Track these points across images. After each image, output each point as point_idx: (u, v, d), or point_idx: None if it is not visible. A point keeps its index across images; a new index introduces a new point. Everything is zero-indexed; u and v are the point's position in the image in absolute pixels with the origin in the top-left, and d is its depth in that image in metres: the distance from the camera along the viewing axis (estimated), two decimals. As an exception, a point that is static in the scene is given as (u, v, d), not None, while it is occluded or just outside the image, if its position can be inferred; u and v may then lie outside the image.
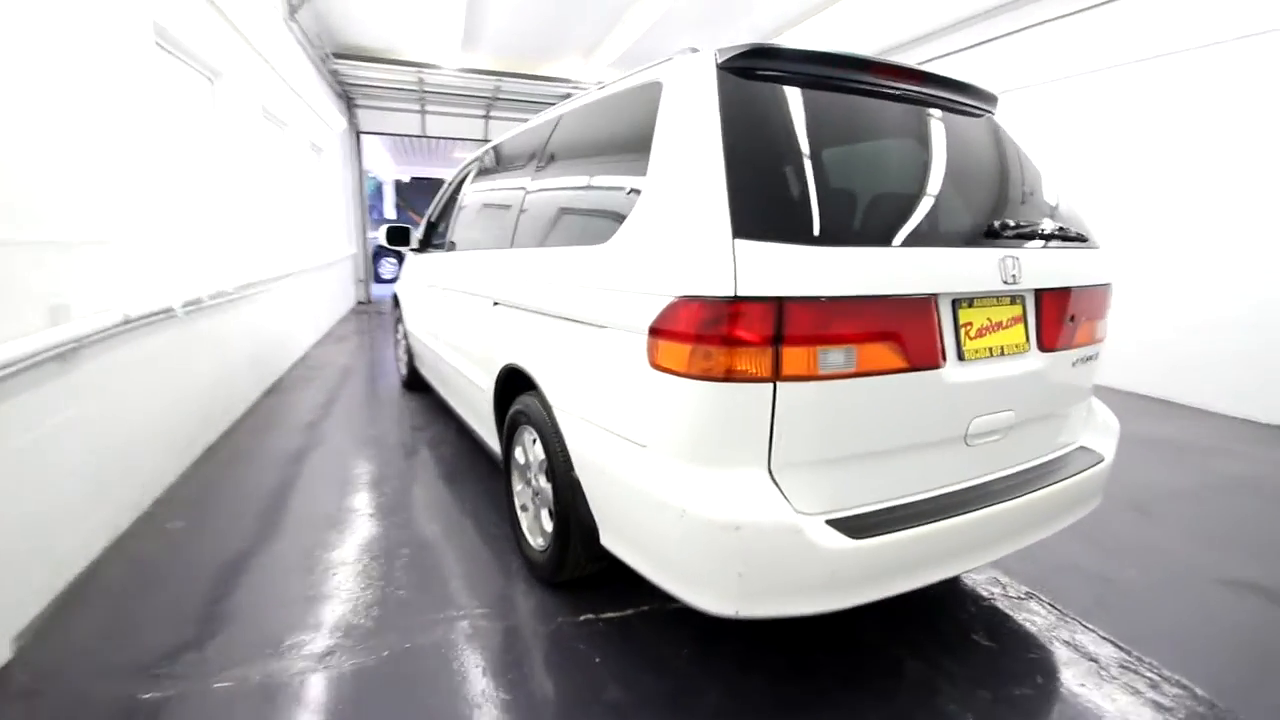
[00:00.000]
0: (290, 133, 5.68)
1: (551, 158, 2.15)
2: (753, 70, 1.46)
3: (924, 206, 1.52)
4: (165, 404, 2.75)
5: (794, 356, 1.25)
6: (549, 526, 1.91)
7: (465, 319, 2.60)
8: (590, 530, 1.68)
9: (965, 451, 1.53)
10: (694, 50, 1.60)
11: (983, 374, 1.50)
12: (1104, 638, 1.80)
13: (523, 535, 2.10)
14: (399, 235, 3.83)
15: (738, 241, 1.24)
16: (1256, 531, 2.51)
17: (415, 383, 4.27)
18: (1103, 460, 1.76)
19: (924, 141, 1.64)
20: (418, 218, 21.43)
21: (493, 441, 2.47)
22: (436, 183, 22.25)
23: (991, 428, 1.54)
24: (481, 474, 2.92)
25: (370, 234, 9.96)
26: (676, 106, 1.49)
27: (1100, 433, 1.88)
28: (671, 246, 1.35)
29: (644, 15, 6.11)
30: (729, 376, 1.25)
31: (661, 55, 1.68)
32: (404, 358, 4.41)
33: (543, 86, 7.81)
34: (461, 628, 1.79)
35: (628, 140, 1.68)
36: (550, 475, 1.83)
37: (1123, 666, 1.69)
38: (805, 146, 1.42)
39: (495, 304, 2.22)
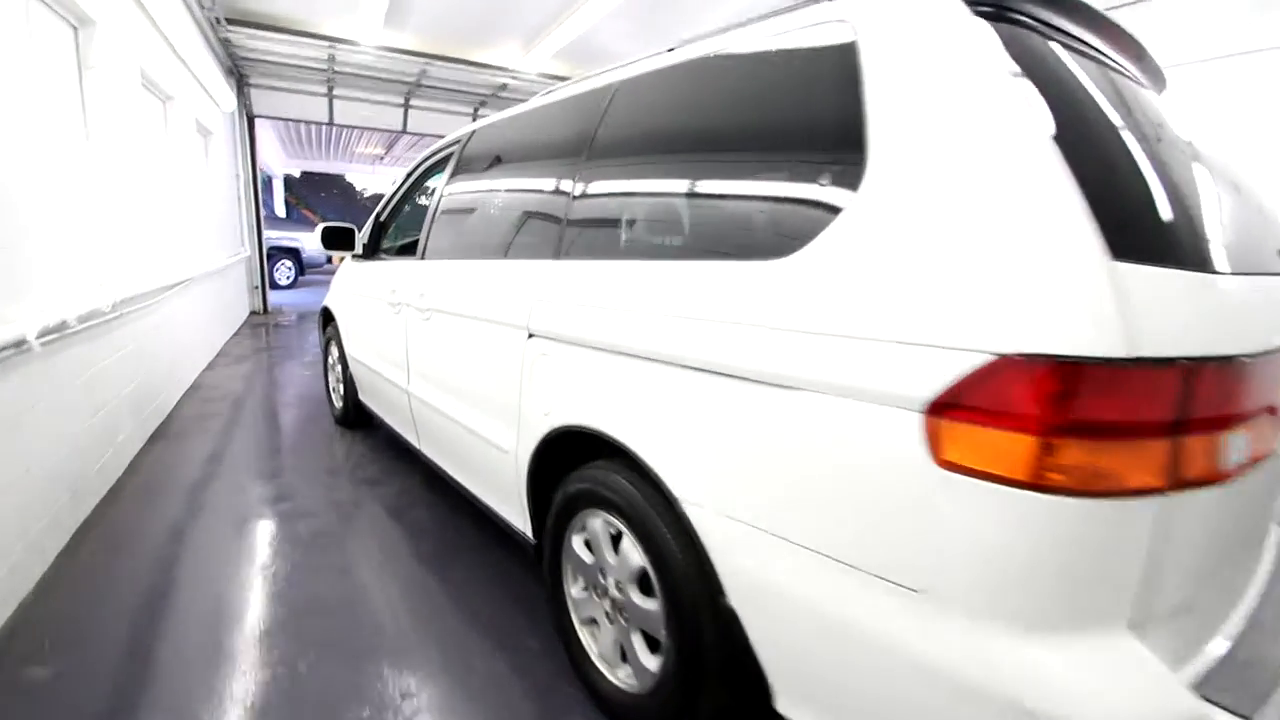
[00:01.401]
0: (175, 110, 4.64)
1: (616, 141, 1.57)
2: (1007, 14, 0.99)
3: (1240, 217, 1.11)
4: (16, 479, 1.90)
5: (1197, 450, 0.78)
6: (651, 661, 1.33)
7: (468, 352, 1.95)
8: (752, 684, 1.13)
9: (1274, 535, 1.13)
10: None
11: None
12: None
13: (589, 661, 1.51)
14: (339, 238, 3.05)
15: (1119, 265, 0.75)
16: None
17: (358, 418, 3.48)
18: None
19: (1175, 130, 1.24)
20: (313, 216, 19.70)
21: (512, 515, 1.85)
22: (333, 179, 20.36)
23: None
24: (481, 548, 2.26)
25: (266, 234, 8.70)
26: (911, 65, 0.97)
27: None
28: (968, 270, 0.83)
29: (601, 4, 5.56)
30: (1099, 485, 0.76)
31: (615, 51, 1.19)
32: (339, 387, 3.60)
33: (477, 74, 7.03)
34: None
35: (791, 111, 1.16)
36: (659, 590, 1.27)
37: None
38: (1127, 128, 0.96)
39: (532, 336, 1.61)
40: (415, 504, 2.63)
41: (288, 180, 19.03)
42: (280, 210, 17.71)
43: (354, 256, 3.19)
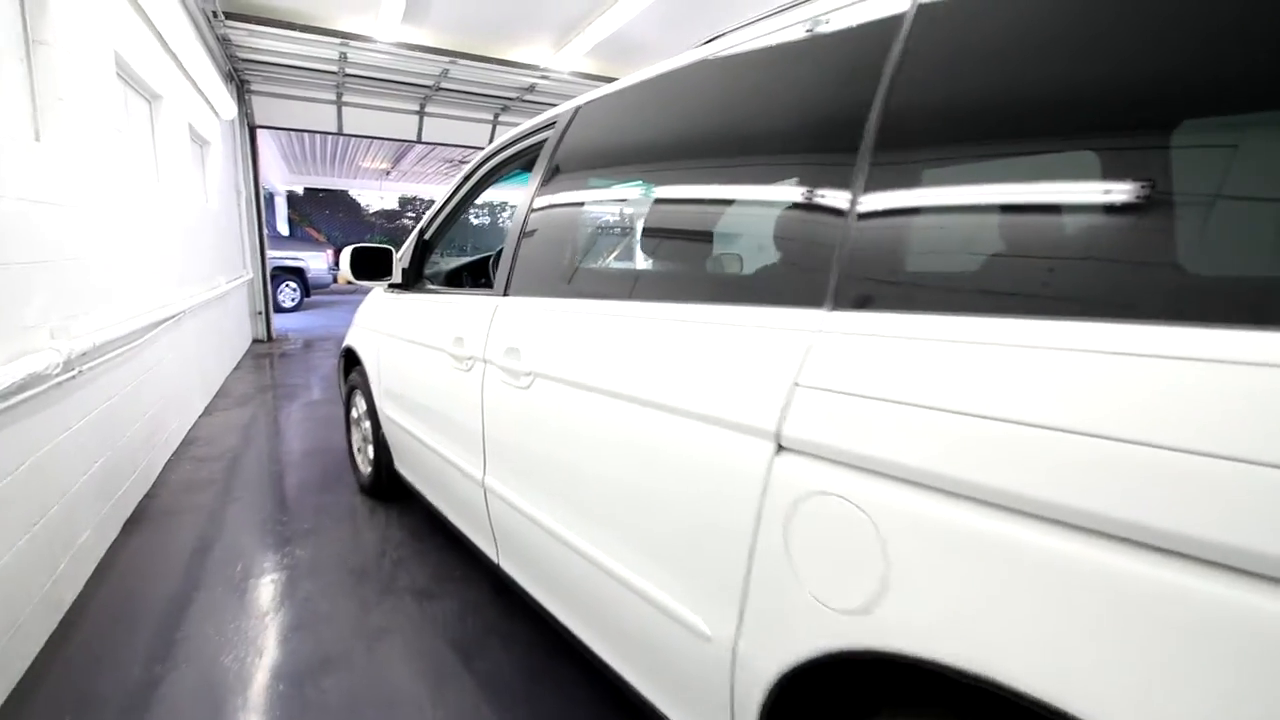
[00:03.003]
0: (165, 112, 3.93)
1: (966, 105, 0.80)
2: None
3: None
4: None
5: None
6: None
7: (619, 454, 1.19)
8: None
9: None
10: None
11: None
12: None
13: None
14: (373, 264, 2.32)
15: None
16: None
17: (390, 489, 2.73)
18: None
19: None
20: (317, 234, 19.11)
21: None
22: (338, 195, 19.73)
23: None
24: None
25: (269, 254, 8.00)
26: None
27: None
28: None
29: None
30: None
31: (657, 46, 0.56)
32: (366, 448, 2.85)
33: (503, 74, 6.34)
34: None
35: None
36: None
37: None
38: None
39: (786, 449, 0.86)
40: (489, 635, 1.87)
41: (291, 197, 18.46)
42: (283, 228, 17.11)
43: (390, 286, 2.45)
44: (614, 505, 1.21)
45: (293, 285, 10.88)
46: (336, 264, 12.58)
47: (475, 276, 2.73)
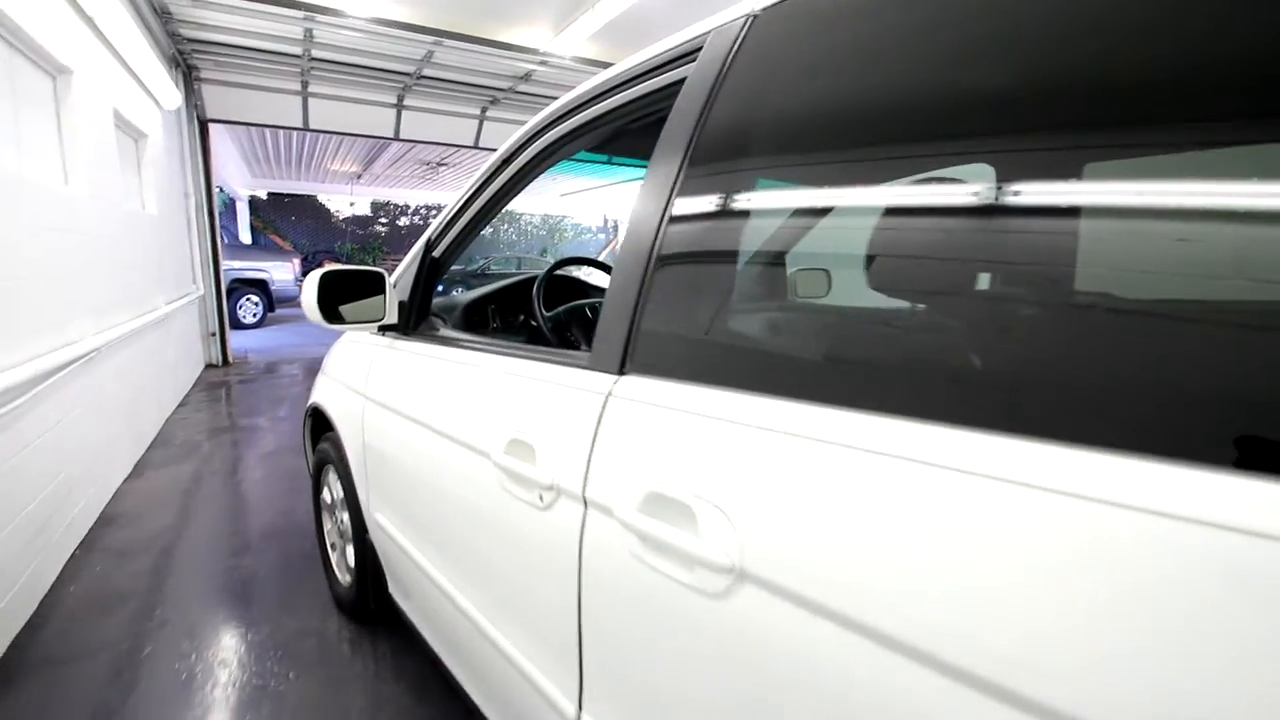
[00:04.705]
0: (75, 90, 3.05)
1: None
2: None
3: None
4: None
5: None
6: None
7: None
8: None
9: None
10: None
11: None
12: None
13: None
14: (349, 287, 1.51)
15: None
16: None
17: (378, 610, 1.91)
18: None
19: None
20: (282, 242, 18.00)
21: None
22: (304, 200, 18.53)
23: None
24: None
25: (225, 265, 7.09)
26: None
27: None
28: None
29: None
30: None
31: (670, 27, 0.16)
32: (344, 548, 2.03)
33: (496, 59, 5.53)
34: None
35: None
36: None
37: None
38: None
39: None
40: None
41: (254, 202, 17.33)
42: (246, 236, 16.00)
43: (381, 329, 1.65)
44: None
45: (255, 299, 9.88)
46: (304, 273, 11.61)
47: (508, 310, 1.92)
